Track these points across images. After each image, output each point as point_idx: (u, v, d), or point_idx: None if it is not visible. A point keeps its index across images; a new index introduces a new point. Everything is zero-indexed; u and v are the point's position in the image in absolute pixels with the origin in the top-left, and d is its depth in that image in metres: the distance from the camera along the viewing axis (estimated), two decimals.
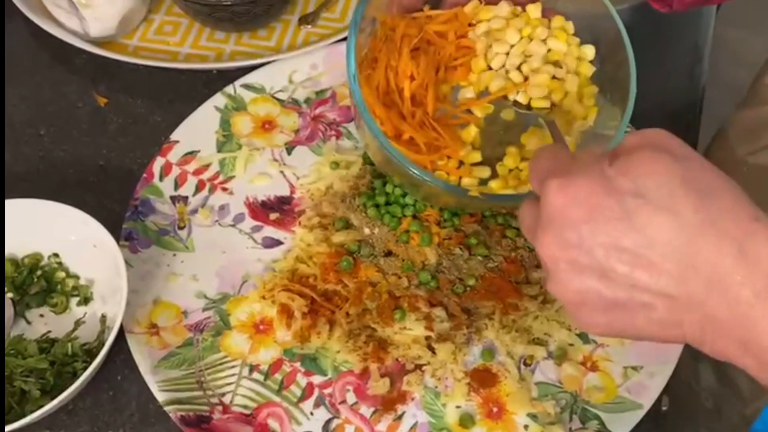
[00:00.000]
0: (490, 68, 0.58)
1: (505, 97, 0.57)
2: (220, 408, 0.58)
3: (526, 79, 0.57)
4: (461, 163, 0.56)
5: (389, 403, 0.58)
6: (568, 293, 0.39)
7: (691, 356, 0.74)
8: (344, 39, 0.62)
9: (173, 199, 0.68)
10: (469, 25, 0.58)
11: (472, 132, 0.56)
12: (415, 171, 0.52)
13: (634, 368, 0.59)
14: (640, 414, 0.57)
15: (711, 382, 0.79)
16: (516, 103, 0.57)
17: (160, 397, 0.57)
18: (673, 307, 0.36)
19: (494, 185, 0.56)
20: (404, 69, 0.54)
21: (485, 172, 0.56)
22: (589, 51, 0.57)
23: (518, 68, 0.57)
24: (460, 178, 0.55)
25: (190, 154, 0.70)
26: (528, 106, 0.56)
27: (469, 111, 0.57)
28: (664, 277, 0.36)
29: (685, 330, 0.37)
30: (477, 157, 0.56)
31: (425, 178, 0.52)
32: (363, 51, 0.55)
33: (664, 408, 0.60)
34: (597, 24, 0.56)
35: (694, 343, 0.37)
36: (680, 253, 0.35)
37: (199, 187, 0.69)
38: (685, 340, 0.38)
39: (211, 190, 0.69)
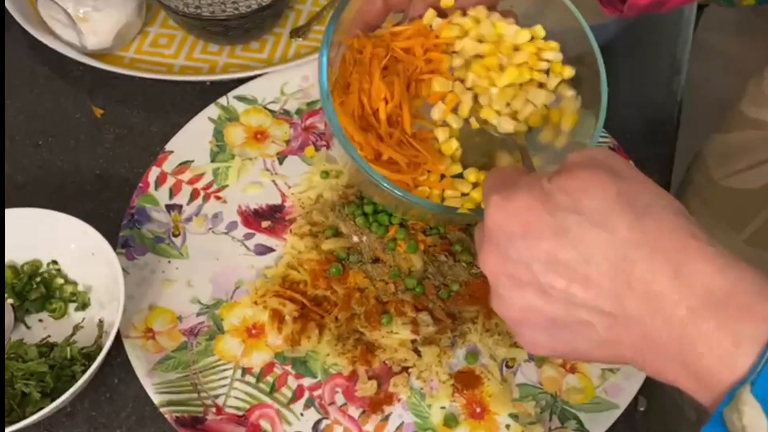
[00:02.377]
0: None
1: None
2: (213, 409, 0.60)
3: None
4: (443, 176, 0.56)
5: (376, 405, 0.60)
6: (510, 310, 0.39)
7: None
8: None
9: (168, 207, 0.70)
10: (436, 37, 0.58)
11: (453, 145, 0.56)
12: (400, 193, 0.51)
13: (611, 370, 0.61)
14: (616, 413, 0.59)
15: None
16: (486, 122, 0.57)
17: (156, 399, 0.59)
18: (611, 326, 0.36)
19: (477, 195, 0.57)
20: (377, 92, 0.55)
21: (466, 185, 0.56)
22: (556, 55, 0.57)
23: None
24: (444, 192, 0.56)
25: (185, 164, 0.72)
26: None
27: (445, 123, 0.57)
28: (600, 293, 0.35)
29: (625, 350, 0.37)
30: (458, 168, 0.56)
31: (410, 200, 0.52)
32: (333, 77, 0.55)
33: (641, 409, 0.62)
34: (569, 37, 0.57)
35: (635, 364, 0.37)
36: (615, 269, 0.35)
37: (193, 196, 0.71)
38: (626, 360, 0.37)
39: (205, 199, 0.71)
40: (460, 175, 0.57)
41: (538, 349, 0.40)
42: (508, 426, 0.59)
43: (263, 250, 0.68)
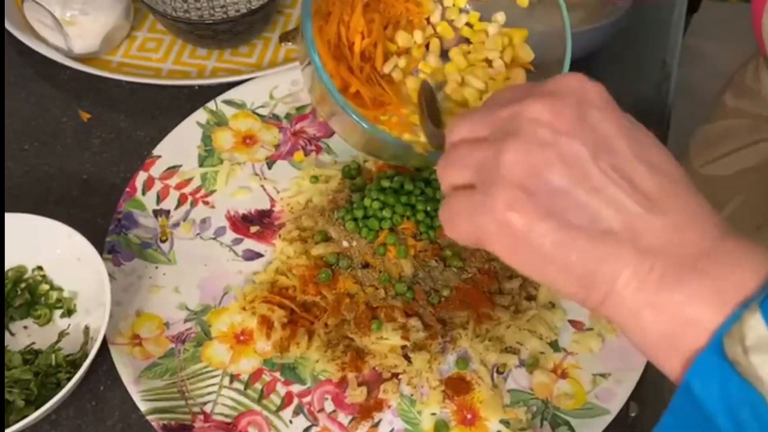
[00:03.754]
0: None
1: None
2: (201, 417, 0.59)
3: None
4: None
5: (366, 411, 0.59)
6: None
7: None
8: None
9: (156, 212, 0.69)
10: None
11: (415, 83, 0.56)
12: (356, 117, 0.52)
13: (603, 375, 0.61)
14: (608, 419, 0.59)
15: None
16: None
17: (143, 406, 0.59)
18: (638, 218, 0.35)
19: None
20: (356, 25, 0.56)
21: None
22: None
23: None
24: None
25: (173, 169, 0.72)
26: None
27: (417, 72, 0.58)
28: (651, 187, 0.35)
29: (616, 264, 0.35)
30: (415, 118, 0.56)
31: (367, 128, 0.52)
32: (317, 2, 0.56)
33: (632, 414, 0.62)
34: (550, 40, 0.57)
35: (619, 286, 0.35)
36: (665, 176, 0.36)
37: (181, 201, 0.70)
38: (608, 277, 0.35)
39: (193, 204, 0.70)
40: None
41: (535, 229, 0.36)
42: None
43: (252, 255, 0.67)
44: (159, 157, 0.72)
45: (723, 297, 0.33)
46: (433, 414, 0.59)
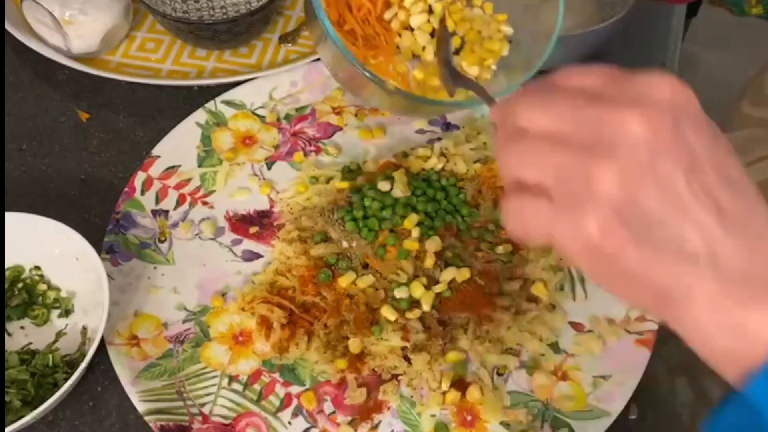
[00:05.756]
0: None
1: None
2: (199, 418, 0.58)
3: None
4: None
5: (366, 413, 0.59)
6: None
7: (668, 371, 0.76)
8: None
9: (154, 212, 0.69)
10: None
11: (408, 39, 0.58)
12: (338, 45, 0.52)
13: (603, 377, 0.60)
14: (608, 421, 0.58)
15: (688, 398, 0.80)
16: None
17: (141, 407, 0.58)
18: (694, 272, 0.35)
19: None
20: None
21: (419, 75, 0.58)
22: None
23: None
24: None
25: (171, 169, 0.71)
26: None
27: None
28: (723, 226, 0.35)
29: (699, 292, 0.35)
30: (403, 68, 0.59)
31: (349, 59, 0.53)
32: None
33: (632, 417, 0.61)
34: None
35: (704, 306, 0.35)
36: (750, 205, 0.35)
37: (179, 201, 0.70)
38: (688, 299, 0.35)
39: (192, 204, 0.70)
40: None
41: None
42: None
43: (251, 256, 0.67)
44: (158, 157, 0.72)
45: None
46: (433, 416, 0.59)
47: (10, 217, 0.63)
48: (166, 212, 0.69)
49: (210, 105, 0.75)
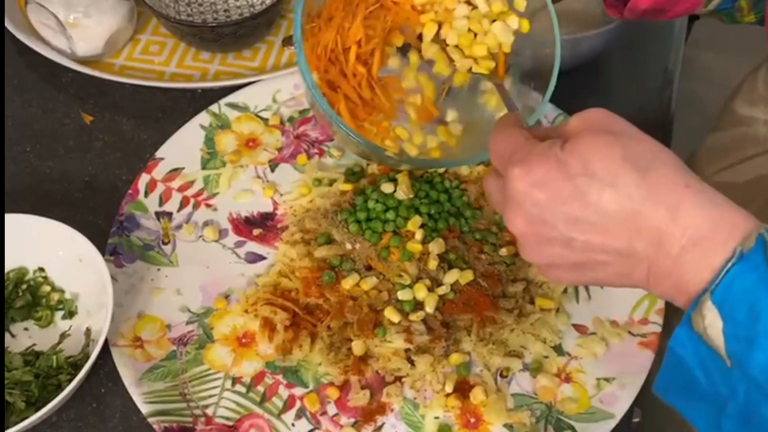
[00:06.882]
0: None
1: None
2: (203, 419, 0.59)
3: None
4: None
5: (369, 415, 0.59)
6: (538, 258, 0.46)
7: None
8: None
9: (158, 215, 0.69)
10: None
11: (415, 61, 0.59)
12: (323, 103, 0.54)
13: (606, 380, 0.60)
14: (612, 424, 0.58)
15: None
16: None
17: (144, 409, 0.58)
18: (625, 263, 0.44)
19: (411, 149, 0.60)
20: (354, 34, 0.57)
21: (410, 147, 0.59)
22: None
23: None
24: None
25: (175, 171, 0.72)
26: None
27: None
28: (616, 239, 0.43)
29: (635, 278, 0.45)
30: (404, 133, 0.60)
31: (335, 120, 0.54)
32: (320, 3, 0.58)
33: (636, 419, 0.61)
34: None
35: (642, 286, 0.45)
36: (626, 220, 0.42)
37: (183, 204, 0.70)
38: (635, 285, 0.45)
39: (196, 207, 0.70)
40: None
41: (565, 283, 0.57)
42: None
43: (254, 258, 0.67)
44: (162, 159, 0.72)
45: (686, 288, 0.43)
46: (437, 418, 0.59)
47: (14, 218, 0.63)
48: (170, 214, 0.69)
49: (213, 107, 0.75)
